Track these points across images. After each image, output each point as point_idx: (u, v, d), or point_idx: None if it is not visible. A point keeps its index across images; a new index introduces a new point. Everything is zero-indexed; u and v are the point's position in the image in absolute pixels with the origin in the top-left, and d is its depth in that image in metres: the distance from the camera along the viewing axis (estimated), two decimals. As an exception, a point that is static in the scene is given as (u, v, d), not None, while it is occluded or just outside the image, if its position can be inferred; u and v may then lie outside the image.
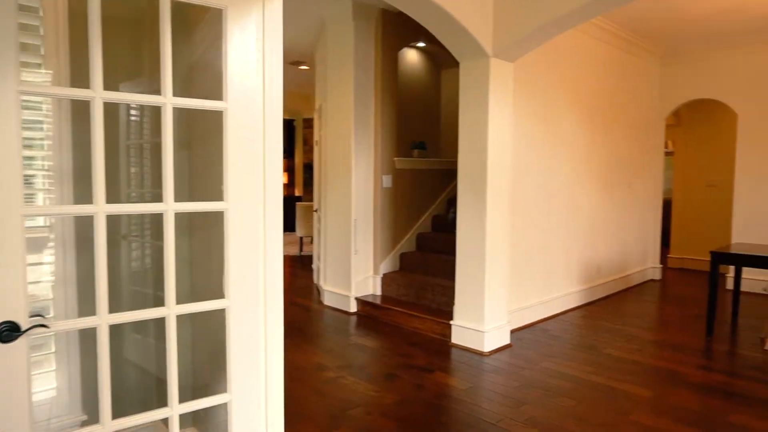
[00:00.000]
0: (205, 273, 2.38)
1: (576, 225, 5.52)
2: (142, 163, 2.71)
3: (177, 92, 1.67)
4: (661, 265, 7.24)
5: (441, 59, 6.31)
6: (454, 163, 6.09)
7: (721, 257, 4.62)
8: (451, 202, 6.03)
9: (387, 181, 5.36)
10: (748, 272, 6.17)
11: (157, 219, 1.90)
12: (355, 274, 5.23)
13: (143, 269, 2.74)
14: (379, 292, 5.36)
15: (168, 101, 1.64)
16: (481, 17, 3.82)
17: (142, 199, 2.66)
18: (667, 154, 7.89)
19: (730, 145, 7.37)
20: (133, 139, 2.66)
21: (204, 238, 2.40)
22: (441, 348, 4.21)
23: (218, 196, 1.95)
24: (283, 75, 1.94)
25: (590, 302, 5.79)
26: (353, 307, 5.23)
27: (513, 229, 4.54)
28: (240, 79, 1.80)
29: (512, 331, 4.46)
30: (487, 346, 4.09)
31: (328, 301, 5.51)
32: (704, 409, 3.14)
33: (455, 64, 6.28)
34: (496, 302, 4.21)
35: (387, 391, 3.36)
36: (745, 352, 4.19)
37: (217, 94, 1.80)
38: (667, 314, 5.37)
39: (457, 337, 4.25)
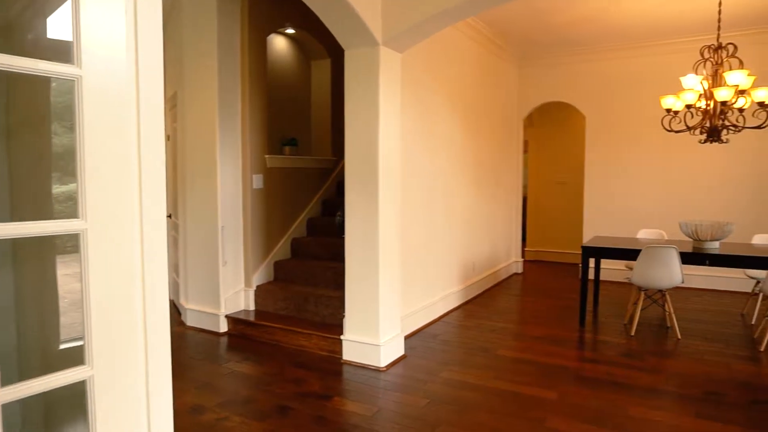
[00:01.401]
0: (39, 322, 1.68)
1: (455, 223, 5.46)
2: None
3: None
4: (523, 259, 7.62)
5: (310, 49, 5.84)
6: (328, 161, 5.69)
7: (591, 251, 4.86)
8: (326, 204, 5.62)
9: (258, 181, 4.77)
10: (603, 262, 6.69)
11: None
12: (224, 288, 4.56)
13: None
14: (252, 308, 4.75)
15: (-24, 59, 1.00)
16: (370, 0, 3.46)
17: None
18: (522, 152, 8.35)
19: (577, 145, 8.01)
20: None
21: (36, 271, 1.70)
22: (333, 367, 3.78)
23: (50, 208, 1.32)
24: (165, 36, 1.37)
25: (468, 301, 5.79)
26: (224, 327, 4.56)
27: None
28: (100, 39, 1.20)
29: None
30: (384, 361, 3.77)
31: (191, 321, 4.75)
32: (605, 405, 3.15)
33: (325, 54, 5.89)
34: (391, 312, 3.91)
35: (283, 429, 2.85)
36: (616, 340, 4.42)
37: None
38: (538, 308, 5.56)
39: (350, 354, 3.86)
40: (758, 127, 4.36)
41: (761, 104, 4.22)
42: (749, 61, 5.06)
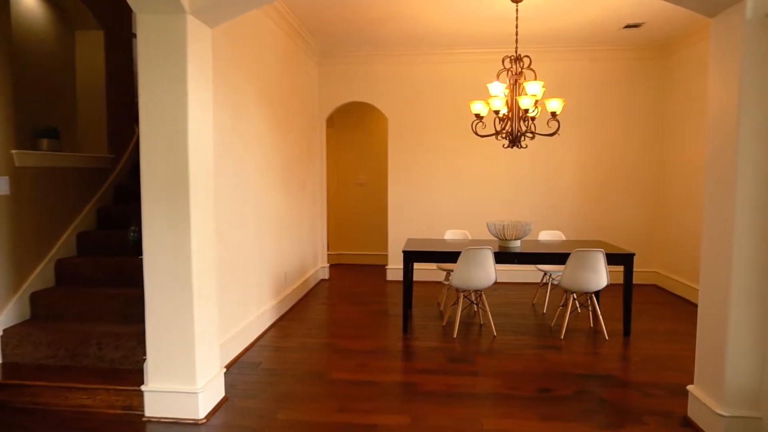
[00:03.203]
0: None
1: (266, 231, 4.86)
2: None
3: None
4: (328, 264, 7.33)
5: (73, 15, 4.57)
6: (103, 159, 4.58)
7: (412, 255, 4.75)
8: (104, 214, 4.47)
9: (2, 185, 3.48)
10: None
11: None
12: (-51, 339, 3.19)
13: None
14: (-1, 360, 3.45)
15: None
16: (176, -47, 2.69)
17: None
18: (322, 153, 8.06)
19: (377, 146, 8.05)
20: None
21: None
22: (133, 430, 2.88)
23: None
24: None
25: (283, 316, 5.24)
26: (-50, 395, 3.19)
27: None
28: None
29: (222, 377, 3.48)
30: (203, 411, 3.01)
31: None
32: (460, 422, 2.98)
33: (94, 24, 4.68)
34: (209, 346, 3.16)
35: None
36: (443, 345, 4.38)
37: None
38: (355, 317, 5.29)
39: (156, 408, 3.00)
40: (550, 135, 4.78)
41: (553, 114, 4.62)
42: (540, 74, 5.56)
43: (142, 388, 3.02)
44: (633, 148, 6.64)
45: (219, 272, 3.69)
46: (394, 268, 7.00)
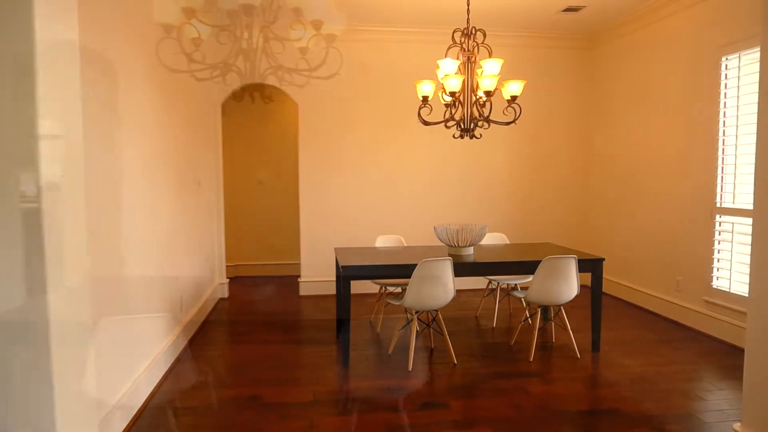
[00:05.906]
0: None
1: (157, 247, 3.62)
2: None
3: None
4: (228, 279, 6.08)
5: None
6: None
7: (354, 272, 3.81)
8: None
9: None
10: (326, 275, 5.72)
11: None
12: None
13: None
14: None
15: None
16: None
17: None
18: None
19: (280, 138, 6.95)
20: None
21: None
22: None
23: None
24: None
25: (180, 356, 4.00)
26: None
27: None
28: None
29: (105, 479, 2.28)
30: None
31: None
32: None
33: None
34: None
35: None
36: (402, 383, 3.50)
37: None
38: (275, 350, 4.21)
39: None
40: (507, 124, 4.11)
41: (513, 98, 3.95)
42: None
43: None
44: (565, 142, 6.28)
45: (94, 312, 2.46)
46: (310, 281, 5.98)
